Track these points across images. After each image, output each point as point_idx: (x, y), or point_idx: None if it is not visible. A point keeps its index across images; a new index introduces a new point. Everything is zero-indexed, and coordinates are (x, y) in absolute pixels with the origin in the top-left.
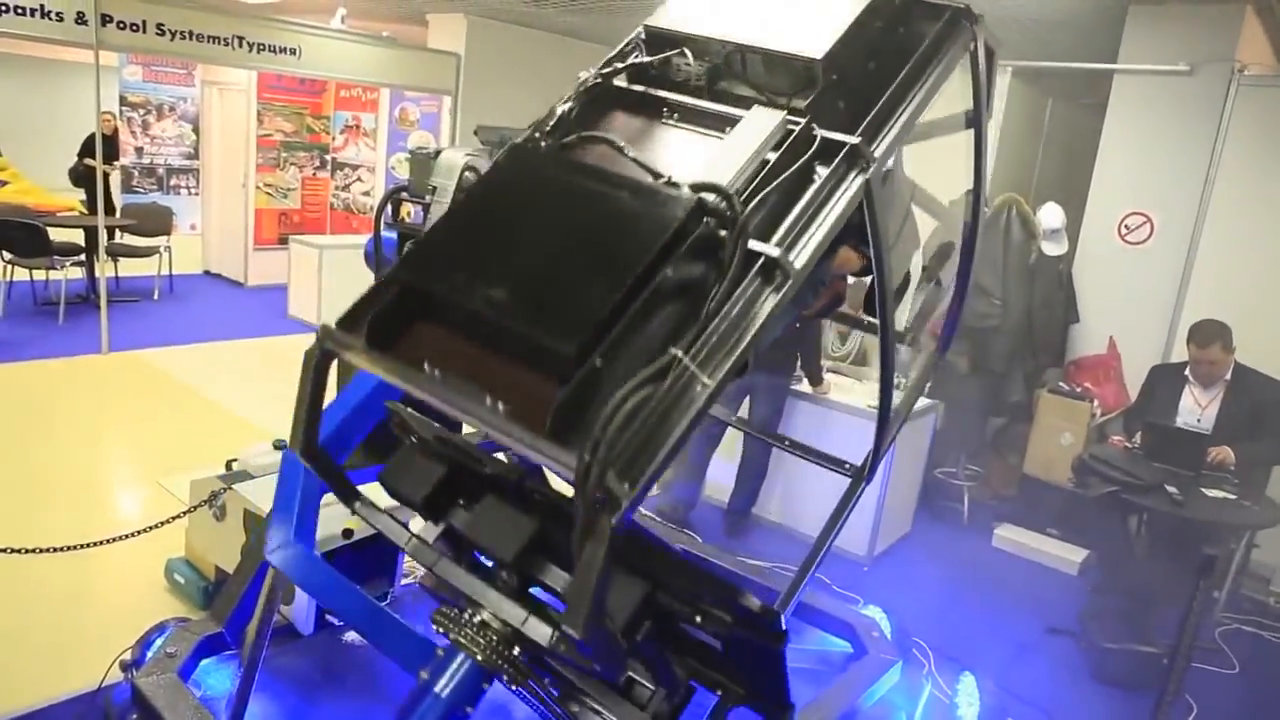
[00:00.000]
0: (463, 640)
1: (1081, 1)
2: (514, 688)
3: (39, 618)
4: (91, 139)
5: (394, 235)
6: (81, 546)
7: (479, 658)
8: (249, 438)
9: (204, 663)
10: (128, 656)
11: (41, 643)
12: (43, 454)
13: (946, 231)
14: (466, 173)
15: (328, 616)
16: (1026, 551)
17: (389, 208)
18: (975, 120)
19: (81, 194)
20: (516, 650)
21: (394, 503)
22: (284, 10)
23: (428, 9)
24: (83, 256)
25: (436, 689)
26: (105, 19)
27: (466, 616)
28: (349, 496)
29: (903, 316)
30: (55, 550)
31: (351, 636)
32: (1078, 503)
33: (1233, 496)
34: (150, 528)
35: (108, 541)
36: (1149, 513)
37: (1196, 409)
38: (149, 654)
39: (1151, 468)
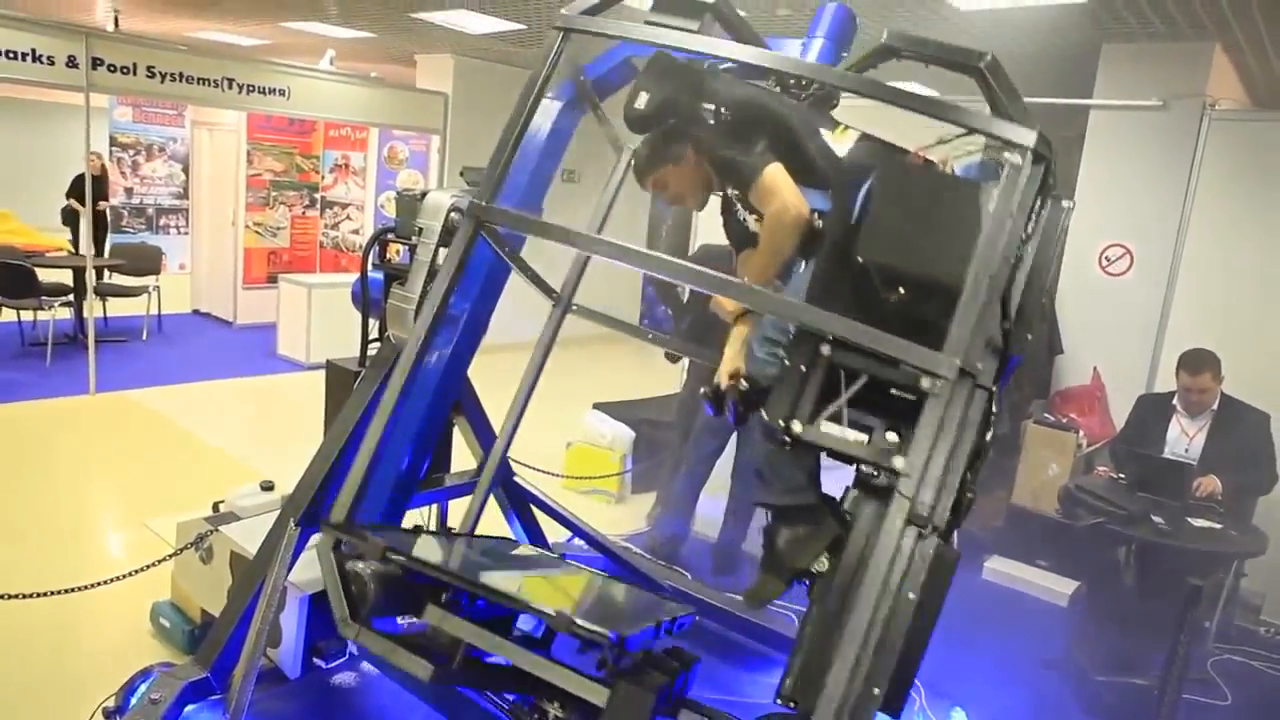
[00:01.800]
0: None
1: (1056, 39)
2: None
3: (21, 663)
4: (79, 179)
5: (381, 276)
6: (65, 591)
7: None
8: (238, 478)
9: (189, 709)
10: (111, 704)
11: (24, 689)
12: (28, 496)
13: None
14: (452, 214)
15: (315, 659)
16: (1016, 583)
17: (376, 248)
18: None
19: (68, 234)
20: None
21: None
22: (274, 52)
23: (415, 49)
24: (71, 296)
25: None
26: (96, 62)
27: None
28: None
29: None
30: (38, 596)
31: (339, 679)
32: (1066, 533)
33: (1219, 526)
34: (135, 571)
35: (92, 586)
36: (1136, 543)
37: (1184, 439)
38: (133, 700)
39: (1137, 498)
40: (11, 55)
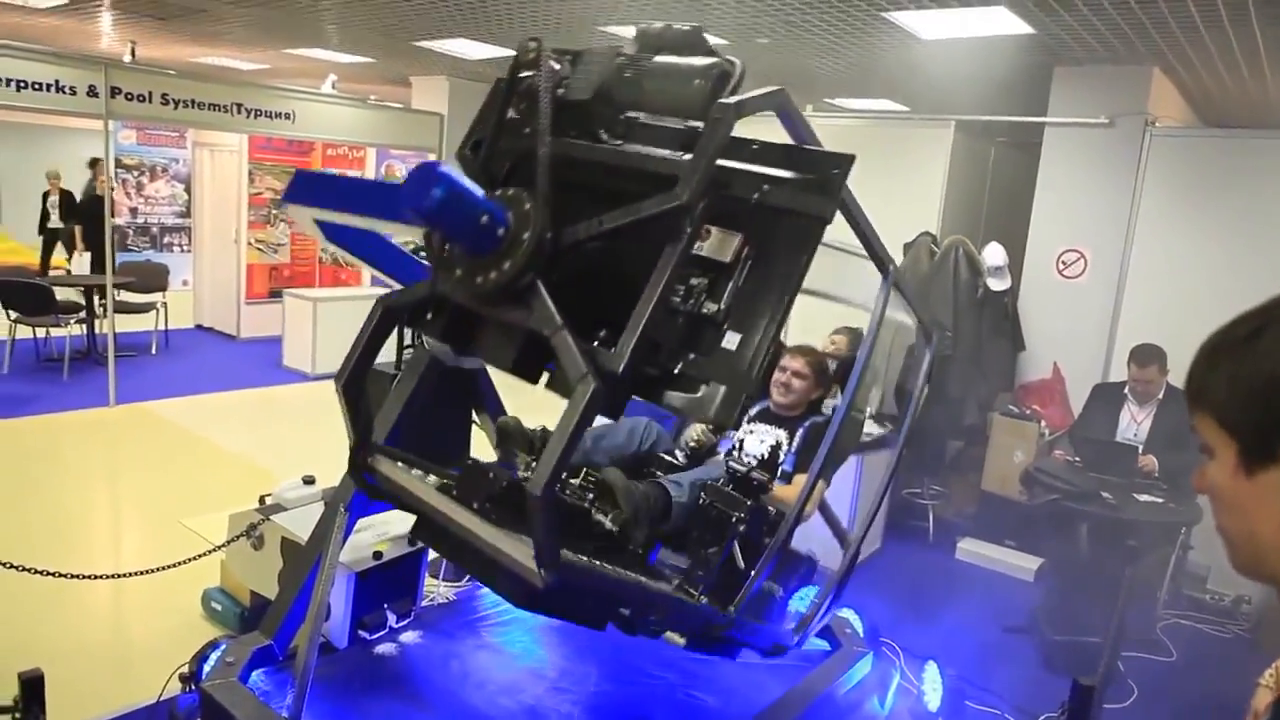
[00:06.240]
0: None
1: (1013, 63)
2: None
3: (88, 639)
4: (72, 203)
5: None
6: (131, 575)
7: None
8: (258, 480)
9: (254, 674)
10: (185, 670)
11: (95, 662)
12: (67, 501)
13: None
14: None
15: (360, 632)
16: (986, 562)
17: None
18: None
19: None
20: None
21: None
22: (272, 76)
23: (411, 72)
24: (83, 314)
25: None
26: (114, 91)
27: None
28: None
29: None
30: (103, 577)
31: (381, 649)
32: (1032, 515)
33: (1160, 500)
34: (195, 557)
35: (150, 571)
36: (1090, 518)
37: (1133, 424)
38: (207, 666)
39: (1089, 477)
40: (37, 86)
